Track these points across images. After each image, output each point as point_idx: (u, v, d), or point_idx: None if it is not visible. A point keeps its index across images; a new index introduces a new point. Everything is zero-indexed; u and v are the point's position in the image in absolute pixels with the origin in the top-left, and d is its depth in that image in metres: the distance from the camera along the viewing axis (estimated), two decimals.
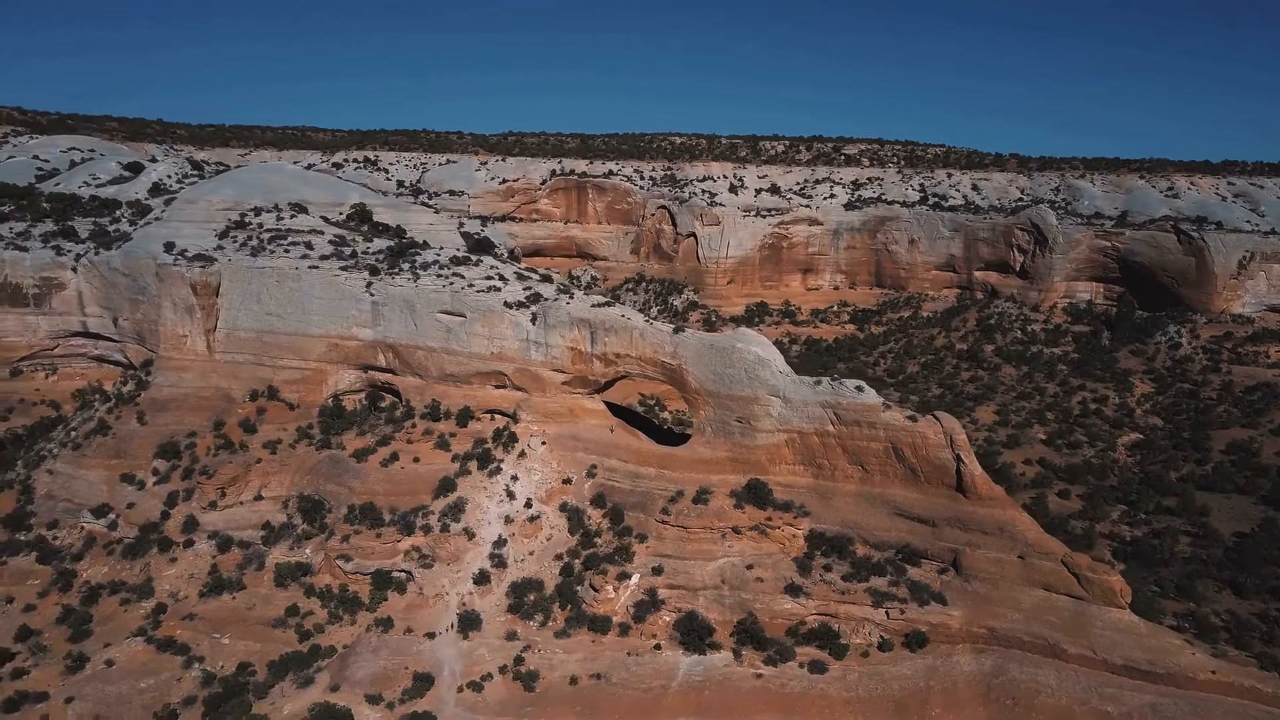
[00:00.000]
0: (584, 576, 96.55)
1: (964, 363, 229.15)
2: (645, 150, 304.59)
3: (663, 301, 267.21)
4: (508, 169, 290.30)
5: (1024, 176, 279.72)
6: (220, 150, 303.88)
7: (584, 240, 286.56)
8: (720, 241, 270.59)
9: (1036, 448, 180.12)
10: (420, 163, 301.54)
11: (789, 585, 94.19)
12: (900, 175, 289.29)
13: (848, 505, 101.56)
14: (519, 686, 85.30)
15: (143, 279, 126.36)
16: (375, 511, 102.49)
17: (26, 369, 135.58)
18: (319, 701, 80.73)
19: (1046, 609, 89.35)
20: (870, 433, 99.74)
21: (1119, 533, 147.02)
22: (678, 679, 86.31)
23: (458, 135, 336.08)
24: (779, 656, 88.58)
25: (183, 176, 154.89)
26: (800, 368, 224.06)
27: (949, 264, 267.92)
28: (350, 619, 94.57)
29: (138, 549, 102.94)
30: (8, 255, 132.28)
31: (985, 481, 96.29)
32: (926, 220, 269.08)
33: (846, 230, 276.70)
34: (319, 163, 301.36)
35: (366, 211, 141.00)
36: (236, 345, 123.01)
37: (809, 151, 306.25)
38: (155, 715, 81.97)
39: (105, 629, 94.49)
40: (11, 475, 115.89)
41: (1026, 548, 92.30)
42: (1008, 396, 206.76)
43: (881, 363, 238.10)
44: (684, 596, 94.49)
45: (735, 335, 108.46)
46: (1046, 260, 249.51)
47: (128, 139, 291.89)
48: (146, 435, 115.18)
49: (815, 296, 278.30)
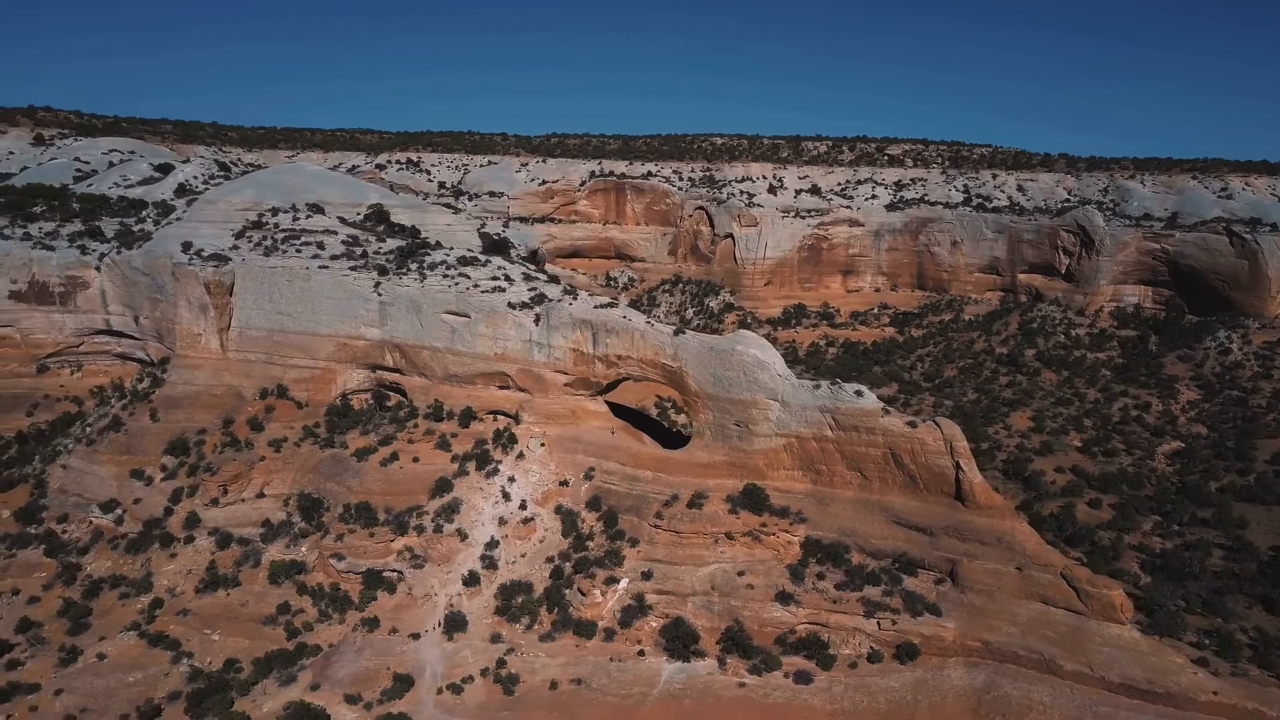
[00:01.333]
0: (573, 580, 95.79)
1: (1003, 367, 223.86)
2: (685, 151, 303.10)
3: (699, 303, 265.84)
4: (548, 170, 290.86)
5: (1071, 177, 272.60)
6: (268, 152, 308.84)
7: (622, 241, 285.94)
8: (758, 242, 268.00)
9: (1070, 455, 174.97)
10: (462, 164, 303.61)
11: (780, 593, 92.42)
12: (944, 176, 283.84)
13: (845, 512, 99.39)
14: (499, 690, 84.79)
15: (161, 278, 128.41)
16: (370, 511, 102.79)
17: (53, 365, 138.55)
18: (295, 700, 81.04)
19: (1043, 623, 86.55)
20: (869, 438, 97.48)
21: (1149, 544, 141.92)
22: (658, 686, 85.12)
23: (502, 137, 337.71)
24: (764, 666, 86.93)
25: (209, 178, 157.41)
26: (834, 371, 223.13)
27: (992, 266, 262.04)
28: (339, 618, 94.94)
29: (140, 544, 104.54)
30: (35, 254, 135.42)
31: (984, 490, 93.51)
32: (969, 221, 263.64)
33: (888, 231, 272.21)
34: (363, 164, 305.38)
35: (383, 212, 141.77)
36: (249, 344, 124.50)
37: (852, 152, 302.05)
38: (138, 709, 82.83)
39: (103, 622, 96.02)
40: (28, 469, 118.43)
41: (1025, 559, 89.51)
42: (1045, 402, 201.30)
43: (918, 366, 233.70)
44: (672, 602, 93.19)
45: (735, 337, 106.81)
46: (1093, 263, 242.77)
47: (178, 141, 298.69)
48: (157, 432, 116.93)
49: (855, 299, 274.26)
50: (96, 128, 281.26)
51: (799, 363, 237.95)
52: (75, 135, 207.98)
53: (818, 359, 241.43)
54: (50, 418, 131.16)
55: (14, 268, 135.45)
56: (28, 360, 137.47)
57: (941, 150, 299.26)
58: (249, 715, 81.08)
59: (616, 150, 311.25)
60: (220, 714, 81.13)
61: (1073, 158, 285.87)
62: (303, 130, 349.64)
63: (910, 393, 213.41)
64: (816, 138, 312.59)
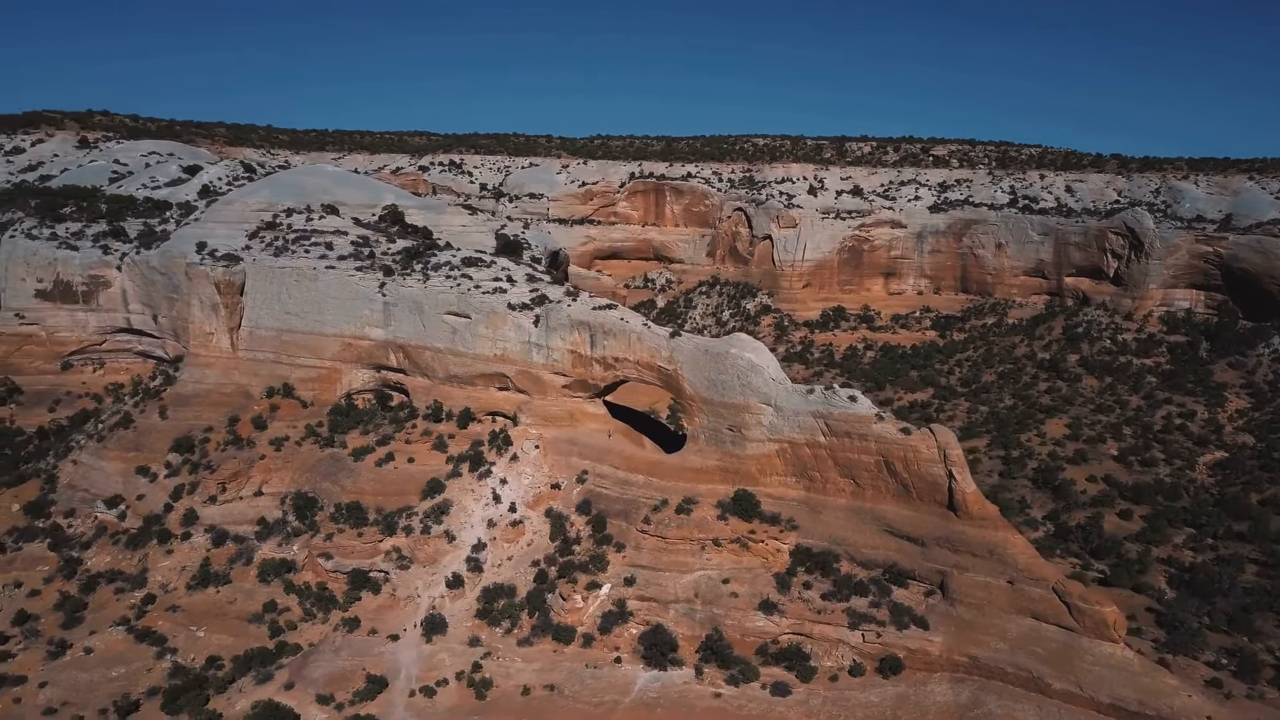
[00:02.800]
0: (556, 585, 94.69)
1: (1043, 372, 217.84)
2: (726, 152, 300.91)
3: (735, 305, 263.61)
4: (588, 172, 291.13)
5: (1122, 178, 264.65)
6: (315, 154, 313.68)
7: (660, 243, 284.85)
8: (796, 244, 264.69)
9: (1105, 464, 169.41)
10: (504, 166, 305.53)
11: (763, 602, 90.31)
12: (990, 177, 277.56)
13: (837, 520, 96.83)
14: (471, 694, 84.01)
15: (176, 277, 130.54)
16: (361, 511, 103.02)
17: (77, 363, 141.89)
18: (263, 699, 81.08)
19: (1034, 639, 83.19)
20: (861, 445, 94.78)
21: (1179, 557, 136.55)
22: (631, 694, 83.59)
23: (546, 139, 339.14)
24: (742, 676, 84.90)
25: (233, 179, 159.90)
26: (870, 374, 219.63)
27: (1038, 269, 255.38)
28: (323, 617, 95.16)
29: (139, 540, 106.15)
30: (59, 254, 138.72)
31: (977, 500, 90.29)
32: (1014, 223, 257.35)
33: (931, 233, 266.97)
34: (407, 166, 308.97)
35: (398, 213, 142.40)
36: (258, 343, 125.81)
37: (896, 153, 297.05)
38: (115, 705, 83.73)
39: (96, 616, 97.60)
40: (42, 465, 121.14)
41: (1017, 572, 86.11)
42: (1084, 409, 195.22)
43: (956, 371, 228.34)
44: (654, 609, 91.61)
45: (730, 340, 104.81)
46: (1142, 266, 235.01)
47: (227, 144, 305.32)
48: (165, 429, 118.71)
49: (897, 301, 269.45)
50: (150, 130, 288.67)
51: (835, 366, 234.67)
52: (119, 138, 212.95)
53: (854, 362, 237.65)
54: (71, 414, 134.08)
55: (40, 267, 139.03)
56: (52, 357, 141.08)
57: (989, 151, 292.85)
58: (221, 714, 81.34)
59: (659, 152, 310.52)
60: (194, 711, 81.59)
61: (1125, 158, 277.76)
62: (352, 133, 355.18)
63: (945, 398, 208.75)
64: (861, 138, 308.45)
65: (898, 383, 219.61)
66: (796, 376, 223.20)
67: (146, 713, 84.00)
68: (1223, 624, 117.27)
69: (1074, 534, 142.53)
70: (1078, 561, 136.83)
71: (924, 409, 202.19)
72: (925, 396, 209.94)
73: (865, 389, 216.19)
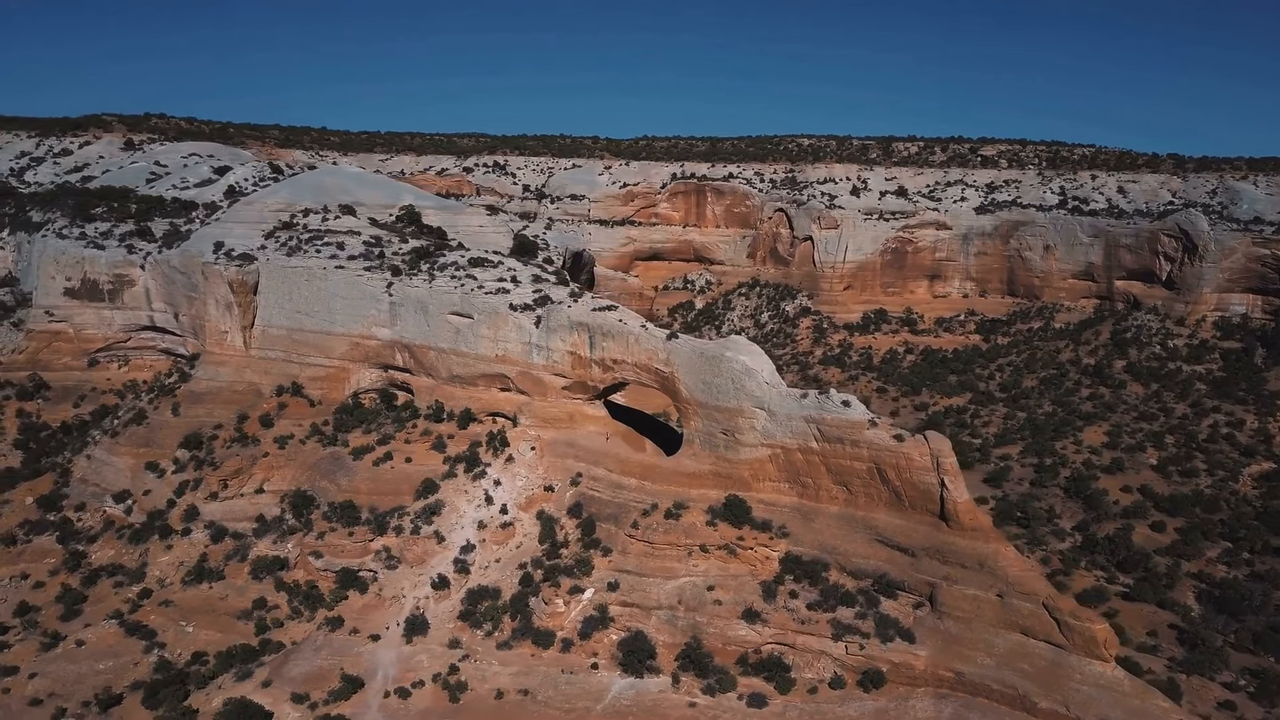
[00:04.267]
0: (540, 588, 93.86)
1: (1087, 378, 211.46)
2: (769, 153, 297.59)
3: (774, 307, 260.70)
4: (629, 173, 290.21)
5: (1177, 178, 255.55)
6: (363, 155, 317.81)
7: (701, 244, 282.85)
8: (838, 245, 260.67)
9: (1143, 473, 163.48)
10: (547, 168, 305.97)
11: (747, 610, 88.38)
12: (1040, 177, 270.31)
13: (829, 528, 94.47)
14: (445, 696, 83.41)
15: (194, 276, 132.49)
16: (354, 510, 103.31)
17: (103, 359, 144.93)
18: (235, 697, 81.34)
19: (1021, 656, 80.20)
20: (854, 451, 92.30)
21: (1212, 572, 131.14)
22: (604, 701, 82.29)
23: (593, 140, 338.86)
24: (719, 686, 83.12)
25: (259, 179, 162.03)
26: (907, 379, 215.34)
27: (1087, 272, 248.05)
28: (309, 615, 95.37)
29: (142, 535, 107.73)
30: (87, 253, 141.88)
31: (969, 510, 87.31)
32: (1063, 225, 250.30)
33: (977, 235, 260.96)
34: (451, 168, 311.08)
35: (415, 214, 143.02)
36: (270, 342, 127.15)
37: (944, 153, 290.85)
38: (96, 696, 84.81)
39: (94, 609, 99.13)
40: (59, 459, 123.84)
41: (1007, 586, 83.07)
42: (1126, 417, 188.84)
43: (997, 376, 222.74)
44: (636, 615, 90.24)
45: (725, 343, 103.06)
46: (1195, 269, 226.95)
47: (278, 146, 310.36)
48: (176, 426, 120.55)
49: (942, 304, 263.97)
50: (203, 133, 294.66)
51: (872, 370, 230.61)
52: (162, 140, 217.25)
53: (892, 366, 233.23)
54: (93, 409, 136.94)
55: (69, 265, 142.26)
56: (80, 354, 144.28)
57: (1039, 151, 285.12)
58: (198, 710, 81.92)
59: (703, 152, 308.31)
60: (170, 707, 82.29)
61: (1181, 158, 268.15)
62: (402, 134, 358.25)
63: (982, 403, 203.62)
64: (909, 138, 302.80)
65: (935, 387, 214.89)
66: (830, 380, 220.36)
67: (128, 706, 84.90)
68: (1249, 643, 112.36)
69: (1101, 546, 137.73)
70: (1103, 574, 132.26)
71: (959, 414, 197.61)
72: (961, 402, 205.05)
73: (901, 393, 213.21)
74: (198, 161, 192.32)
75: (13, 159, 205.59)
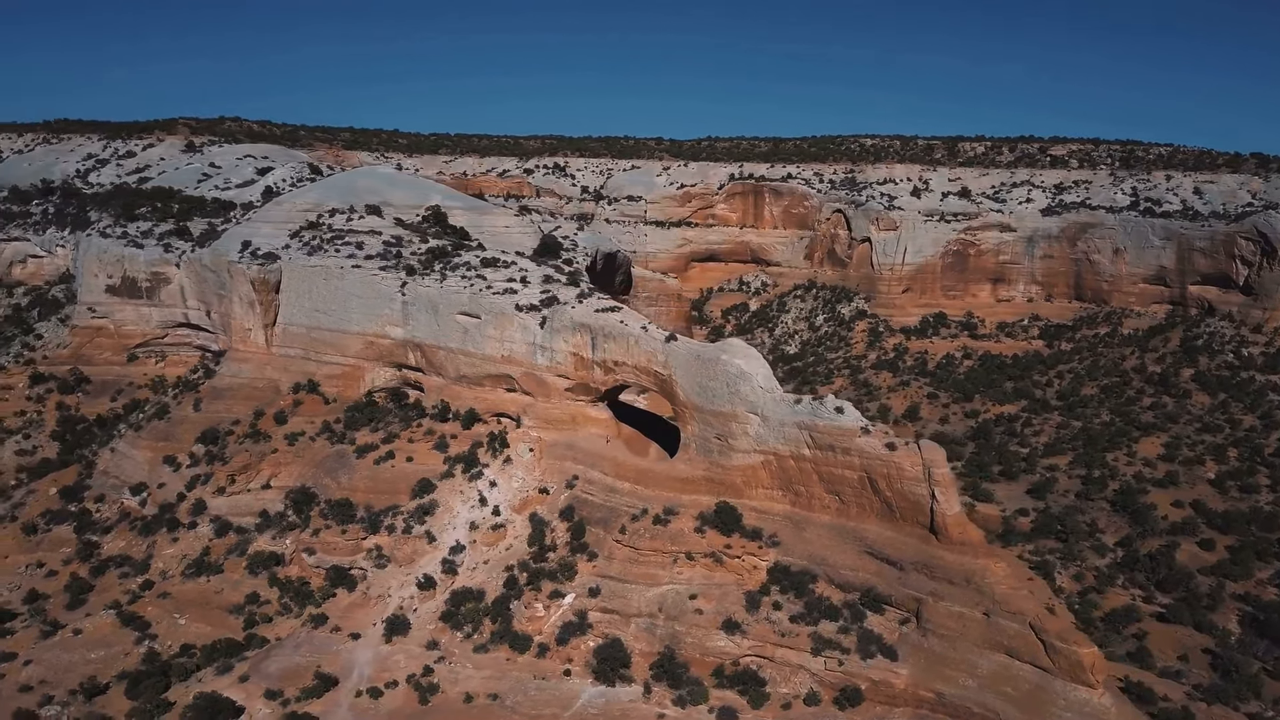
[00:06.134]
0: (523, 591, 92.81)
1: (1150, 387, 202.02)
2: (831, 153, 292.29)
3: (830, 309, 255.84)
4: (687, 174, 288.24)
5: (1258, 179, 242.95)
6: (428, 157, 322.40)
7: (758, 245, 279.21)
8: (896, 247, 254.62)
9: (1198, 488, 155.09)
10: (606, 169, 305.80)
11: (727, 621, 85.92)
12: (1112, 178, 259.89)
13: (820, 538, 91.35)
14: (415, 698, 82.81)
15: (223, 275, 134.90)
16: (350, 507, 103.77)
17: (141, 355, 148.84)
18: (207, 691, 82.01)
19: (1005, 678, 76.23)
20: (845, 459, 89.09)
21: (1260, 594, 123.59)
22: (572, 709, 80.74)
23: (656, 141, 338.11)
24: (690, 698, 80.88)
25: (297, 180, 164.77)
26: (960, 385, 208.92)
27: (1159, 277, 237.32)
28: (298, 612, 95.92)
29: (152, 527, 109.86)
30: (126, 251, 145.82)
31: (958, 523, 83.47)
32: (1134, 227, 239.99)
33: (1042, 238, 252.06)
34: (513, 169, 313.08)
35: (441, 214, 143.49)
36: (290, 340, 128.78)
37: (1012, 153, 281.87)
38: (81, 685, 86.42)
39: (97, 599, 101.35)
40: (87, 451, 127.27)
41: (994, 604, 79.12)
42: (1188, 428, 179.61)
43: (1056, 383, 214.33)
44: (615, 623, 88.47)
45: (721, 346, 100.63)
46: (1275, 274, 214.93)
47: (345, 148, 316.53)
48: (195, 421, 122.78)
49: (1005, 309, 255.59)
50: (274, 135, 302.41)
51: (925, 375, 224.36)
52: (221, 142, 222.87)
53: (948, 371, 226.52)
54: (126, 403, 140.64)
55: (110, 263, 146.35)
56: (119, 349, 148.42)
57: (1113, 150, 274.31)
58: (174, 703, 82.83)
59: (764, 153, 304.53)
60: (148, 699, 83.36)
61: (1265, 157, 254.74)
62: (469, 136, 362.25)
63: (1035, 411, 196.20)
64: (976, 138, 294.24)
65: (988, 394, 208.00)
66: (881, 385, 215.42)
67: (112, 696, 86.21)
68: None
69: (1142, 563, 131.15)
70: (1140, 593, 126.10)
71: (1010, 422, 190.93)
72: (1014, 410, 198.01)
73: (952, 399, 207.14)
74: (252, 163, 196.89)
75: (80, 161, 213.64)
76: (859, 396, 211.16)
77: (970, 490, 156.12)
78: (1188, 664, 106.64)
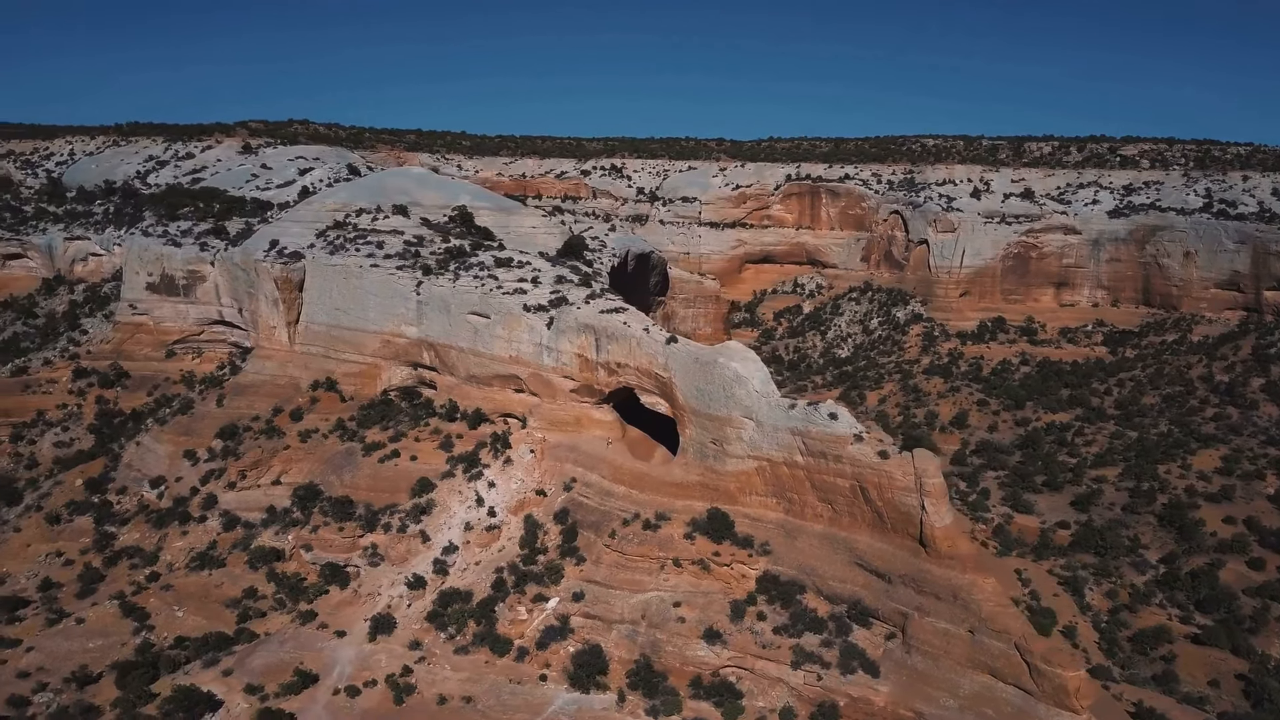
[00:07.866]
0: (509, 594, 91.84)
1: (1215, 397, 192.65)
2: (891, 153, 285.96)
3: (885, 312, 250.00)
4: (743, 175, 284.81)
5: None
6: (488, 159, 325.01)
7: (814, 247, 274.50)
8: (954, 249, 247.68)
9: (1255, 504, 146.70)
10: (663, 170, 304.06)
11: (709, 630, 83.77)
12: (1185, 179, 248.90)
13: (811, 548, 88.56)
14: (390, 698, 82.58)
15: (251, 273, 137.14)
16: (350, 505, 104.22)
17: (179, 351, 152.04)
18: (185, 684, 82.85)
19: (986, 699, 72.75)
20: (836, 467, 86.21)
21: None
22: (543, 715, 79.51)
23: (716, 143, 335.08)
24: (664, 708, 79.00)
25: (334, 180, 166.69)
26: (1012, 392, 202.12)
27: (1232, 282, 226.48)
28: (291, 608, 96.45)
29: (165, 519, 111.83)
30: (165, 250, 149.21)
31: (947, 536, 79.86)
32: (1206, 230, 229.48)
33: (1109, 240, 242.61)
34: (571, 171, 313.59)
35: (467, 214, 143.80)
36: (311, 337, 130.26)
37: (1080, 153, 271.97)
38: (73, 673, 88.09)
39: (105, 589, 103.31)
40: (115, 444, 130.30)
41: (979, 622, 75.54)
42: (1251, 441, 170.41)
43: (1115, 391, 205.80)
44: (597, 628, 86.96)
45: (719, 349, 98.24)
46: None
47: (407, 150, 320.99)
48: (217, 416, 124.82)
49: (1068, 314, 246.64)
50: (339, 138, 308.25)
51: (979, 381, 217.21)
52: (277, 143, 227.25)
53: (1002, 377, 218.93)
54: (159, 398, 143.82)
55: (150, 262, 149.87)
56: (158, 345, 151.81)
57: (1187, 150, 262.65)
58: (157, 694, 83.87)
59: (824, 154, 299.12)
60: (134, 690, 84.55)
61: None
62: (532, 138, 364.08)
63: (1089, 420, 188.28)
64: (1044, 138, 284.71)
65: (1042, 402, 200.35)
66: (931, 390, 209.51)
67: (103, 686, 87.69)
68: None
69: (1183, 581, 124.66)
70: (1178, 612, 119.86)
71: (1061, 431, 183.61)
72: (1066, 418, 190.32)
73: (1003, 406, 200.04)
74: (301, 164, 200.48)
75: (141, 163, 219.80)
76: (907, 402, 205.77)
77: (1011, 500, 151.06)
78: (1218, 689, 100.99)
